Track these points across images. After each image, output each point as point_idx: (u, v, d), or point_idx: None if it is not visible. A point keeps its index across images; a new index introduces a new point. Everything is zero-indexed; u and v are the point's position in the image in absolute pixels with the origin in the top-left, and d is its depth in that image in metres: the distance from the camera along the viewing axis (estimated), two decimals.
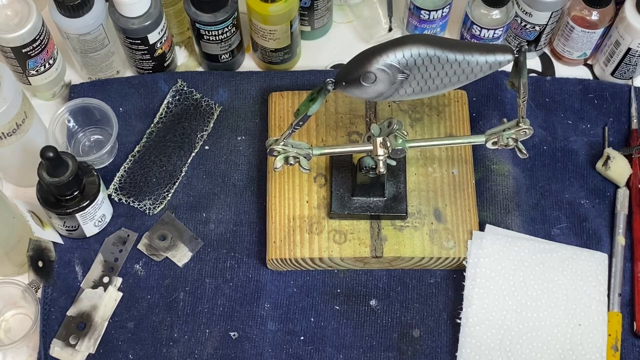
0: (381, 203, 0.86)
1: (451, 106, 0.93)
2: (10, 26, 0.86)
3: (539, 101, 0.97)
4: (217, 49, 0.94)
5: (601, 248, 0.90)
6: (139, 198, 0.91)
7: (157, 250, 0.89)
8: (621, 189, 0.93)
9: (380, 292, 0.88)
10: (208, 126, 0.95)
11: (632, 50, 0.94)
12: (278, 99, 0.93)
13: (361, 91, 0.72)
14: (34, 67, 0.91)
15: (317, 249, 0.86)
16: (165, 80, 0.97)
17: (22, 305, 0.88)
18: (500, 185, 0.91)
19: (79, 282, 0.88)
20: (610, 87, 0.98)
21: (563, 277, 0.86)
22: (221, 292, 0.88)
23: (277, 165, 0.79)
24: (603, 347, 0.84)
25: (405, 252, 0.86)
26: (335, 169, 0.88)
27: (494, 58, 0.73)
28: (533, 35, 0.97)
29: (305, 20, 0.99)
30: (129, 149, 0.94)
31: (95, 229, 0.89)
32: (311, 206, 0.88)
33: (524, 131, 0.80)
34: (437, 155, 0.90)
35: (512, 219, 0.90)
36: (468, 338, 0.84)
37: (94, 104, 0.91)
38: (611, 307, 0.87)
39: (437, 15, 0.95)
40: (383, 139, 0.79)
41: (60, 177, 0.79)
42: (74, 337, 0.85)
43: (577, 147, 0.95)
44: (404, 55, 0.70)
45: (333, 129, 0.91)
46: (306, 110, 0.73)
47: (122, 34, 0.90)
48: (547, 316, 0.85)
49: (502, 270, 0.86)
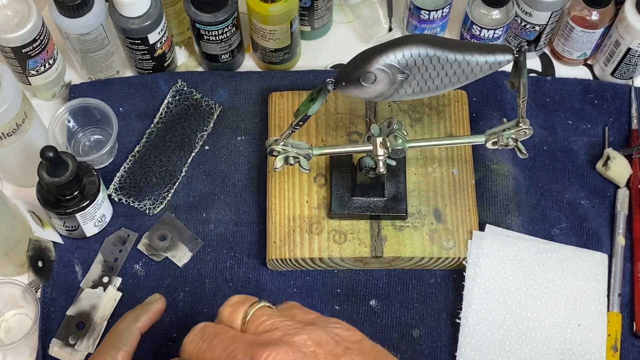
0: (381, 203, 0.86)
1: (451, 106, 0.93)
2: (10, 26, 0.86)
3: (539, 101, 0.97)
4: (217, 49, 0.94)
5: (601, 248, 0.90)
6: (139, 198, 0.91)
7: (157, 250, 0.89)
8: (621, 189, 0.93)
9: (380, 292, 0.88)
10: (208, 126, 0.95)
11: (632, 50, 0.94)
12: (278, 99, 0.93)
13: (361, 91, 0.72)
14: (34, 67, 0.91)
15: (317, 249, 0.86)
16: (165, 80, 0.97)
17: (22, 305, 0.88)
18: (500, 185, 0.91)
19: (78, 282, 0.88)
20: (610, 87, 0.98)
21: (563, 277, 0.86)
22: (221, 292, 0.88)
23: (277, 165, 0.79)
24: (602, 347, 0.84)
25: (405, 252, 0.86)
26: (335, 169, 0.88)
27: (494, 58, 0.73)
28: (533, 35, 0.97)
29: (305, 20, 0.99)
30: (129, 149, 0.94)
31: (95, 229, 0.89)
32: (311, 206, 0.88)
33: (524, 131, 0.80)
34: (437, 155, 0.90)
35: (512, 219, 0.90)
36: (468, 338, 0.84)
37: (94, 104, 0.91)
38: (611, 307, 0.87)
39: (437, 15, 0.95)
40: (383, 139, 0.79)
41: (60, 177, 0.79)
42: (73, 336, 0.85)
43: (577, 147, 0.95)
44: (404, 55, 0.70)
45: (333, 129, 0.91)
46: (306, 110, 0.73)
47: (122, 34, 0.90)
48: (546, 316, 0.85)
49: (502, 270, 0.86)
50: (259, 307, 0.60)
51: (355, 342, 0.59)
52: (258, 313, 0.59)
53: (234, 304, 0.61)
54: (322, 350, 0.56)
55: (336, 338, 0.58)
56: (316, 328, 0.58)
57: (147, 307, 0.72)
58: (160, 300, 0.74)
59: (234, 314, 0.60)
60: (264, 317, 0.59)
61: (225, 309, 0.61)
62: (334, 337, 0.58)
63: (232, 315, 0.60)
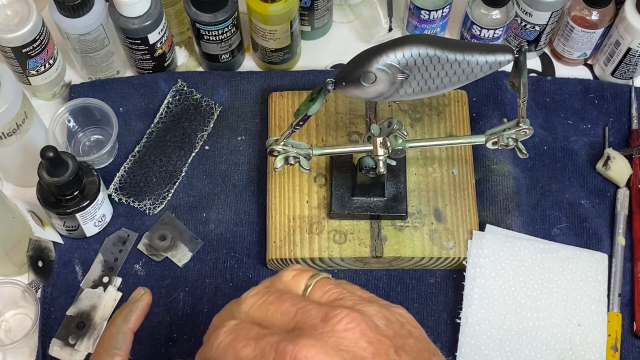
0: (381, 203, 0.86)
1: (451, 106, 0.93)
2: (10, 26, 0.86)
3: (539, 101, 0.97)
4: (217, 49, 0.94)
5: (601, 248, 0.90)
6: (139, 198, 0.91)
7: (157, 250, 0.89)
8: (621, 189, 0.93)
9: (380, 292, 0.88)
10: (208, 126, 0.95)
11: (632, 50, 0.94)
12: (278, 99, 0.93)
13: (361, 91, 0.72)
14: (34, 67, 0.91)
15: (317, 249, 0.86)
16: (165, 80, 0.97)
17: (22, 305, 0.88)
18: (500, 185, 0.91)
19: (78, 282, 0.88)
20: (610, 87, 0.98)
21: (563, 277, 0.86)
22: (221, 292, 0.88)
23: (277, 165, 0.79)
24: (603, 347, 0.84)
25: (405, 252, 0.86)
26: (335, 169, 0.88)
27: (494, 58, 0.73)
28: (533, 35, 0.97)
29: (305, 20, 0.99)
30: (129, 149, 0.94)
31: (95, 229, 0.89)
32: (311, 206, 0.88)
33: (524, 131, 0.80)
34: (437, 155, 0.90)
35: (512, 219, 0.90)
36: (468, 338, 0.84)
37: (94, 104, 0.91)
38: (611, 307, 0.87)
39: (437, 15, 0.95)
40: (383, 139, 0.79)
41: (60, 177, 0.79)
42: (73, 336, 0.85)
43: (577, 147, 0.95)
44: (404, 55, 0.70)
45: (333, 129, 0.91)
46: (306, 110, 0.73)
47: (122, 34, 0.90)
48: (546, 316, 0.85)
49: (502, 270, 0.86)
50: (322, 277, 0.57)
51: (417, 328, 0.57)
52: (323, 282, 0.57)
53: (297, 269, 0.58)
54: (390, 328, 0.54)
55: (401, 319, 0.56)
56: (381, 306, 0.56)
57: (134, 306, 0.71)
58: (146, 294, 0.72)
59: (297, 279, 0.57)
60: (330, 286, 0.56)
61: (288, 272, 0.58)
62: (399, 317, 0.56)
63: (295, 279, 0.57)
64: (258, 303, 0.56)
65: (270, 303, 0.55)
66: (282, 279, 0.58)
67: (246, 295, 0.57)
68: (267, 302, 0.55)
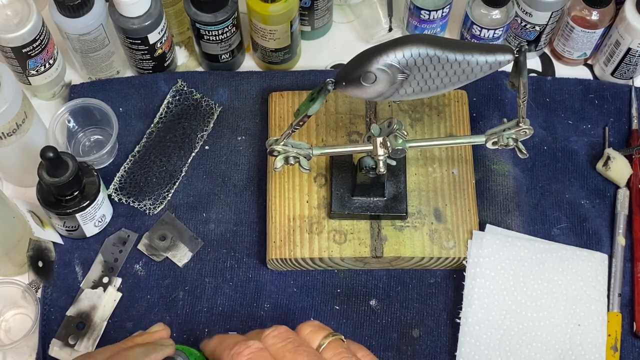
0: (381, 203, 0.86)
1: (451, 106, 0.93)
2: (10, 26, 0.86)
3: (539, 101, 0.97)
4: (217, 49, 0.94)
5: (601, 248, 0.90)
6: (139, 198, 0.91)
7: (157, 250, 0.89)
8: (621, 189, 0.93)
9: (380, 292, 0.88)
10: (208, 126, 0.95)
11: (632, 50, 0.94)
12: (278, 99, 0.93)
13: (361, 91, 0.72)
14: (34, 67, 0.91)
15: (317, 249, 0.86)
16: (165, 80, 0.97)
17: (22, 305, 0.88)
18: (501, 185, 0.91)
19: (78, 282, 0.88)
20: (610, 87, 0.98)
21: (563, 277, 0.86)
22: (221, 292, 0.88)
23: (277, 165, 0.79)
24: (602, 347, 0.84)
25: (405, 252, 0.86)
26: (335, 169, 0.88)
27: (494, 58, 0.73)
28: (533, 35, 0.97)
29: (305, 20, 0.99)
30: (129, 149, 0.94)
31: (95, 229, 0.89)
32: (311, 206, 0.88)
33: (524, 131, 0.80)
34: (437, 155, 0.90)
35: (512, 219, 0.90)
36: (467, 338, 0.84)
37: (94, 104, 0.91)
38: (611, 307, 0.87)
39: (437, 15, 0.95)
40: (383, 139, 0.79)
41: (60, 177, 0.79)
42: (73, 337, 0.85)
43: (577, 147, 0.95)
44: (404, 55, 0.70)
45: (333, 129, 0.91)
46: (306, 110, 0.73)
47: (122, 34, 0.90)
48: (546, 316, 0.85)
49: (502, 270, 0.86)
50: (336, 338, 0.63)
51: None
52: (335, 344, 0.63)
53: (315, 326, 0.64)
54: None
55: None
56: None
57: (158, 347, 0.68)
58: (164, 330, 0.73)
59: (314, 334, 0.63)
60: (342, 349, 0.62)
61: (307, 327, 0.64)
62: None
63: (312, 334, 0.64)
64: (278, 345, 0.61)
65: (287, 351, 0.61)
66: (301, 331, 0.64)
67: (268, 332, 0.62)
68: (285, 348, 0.61)
